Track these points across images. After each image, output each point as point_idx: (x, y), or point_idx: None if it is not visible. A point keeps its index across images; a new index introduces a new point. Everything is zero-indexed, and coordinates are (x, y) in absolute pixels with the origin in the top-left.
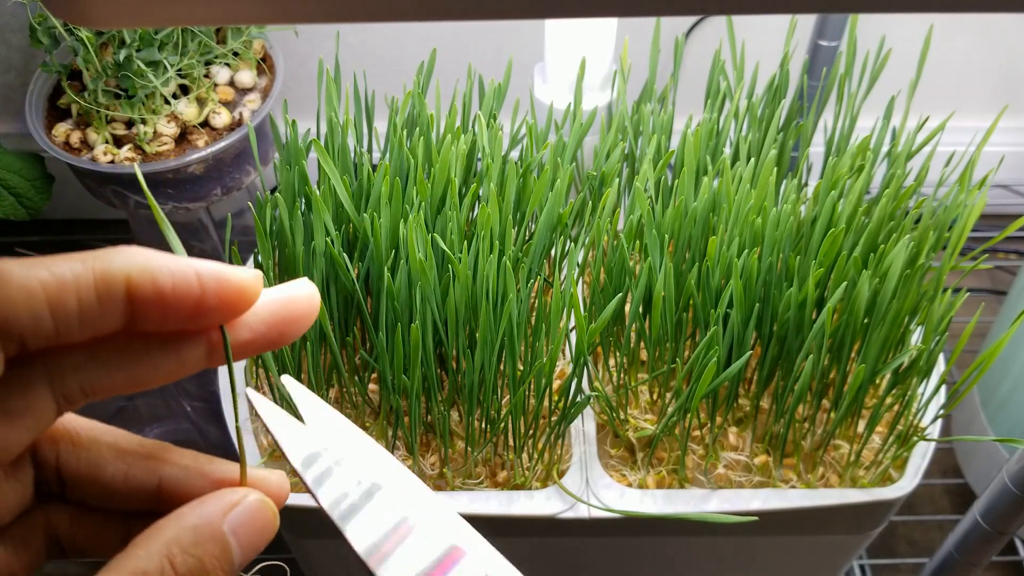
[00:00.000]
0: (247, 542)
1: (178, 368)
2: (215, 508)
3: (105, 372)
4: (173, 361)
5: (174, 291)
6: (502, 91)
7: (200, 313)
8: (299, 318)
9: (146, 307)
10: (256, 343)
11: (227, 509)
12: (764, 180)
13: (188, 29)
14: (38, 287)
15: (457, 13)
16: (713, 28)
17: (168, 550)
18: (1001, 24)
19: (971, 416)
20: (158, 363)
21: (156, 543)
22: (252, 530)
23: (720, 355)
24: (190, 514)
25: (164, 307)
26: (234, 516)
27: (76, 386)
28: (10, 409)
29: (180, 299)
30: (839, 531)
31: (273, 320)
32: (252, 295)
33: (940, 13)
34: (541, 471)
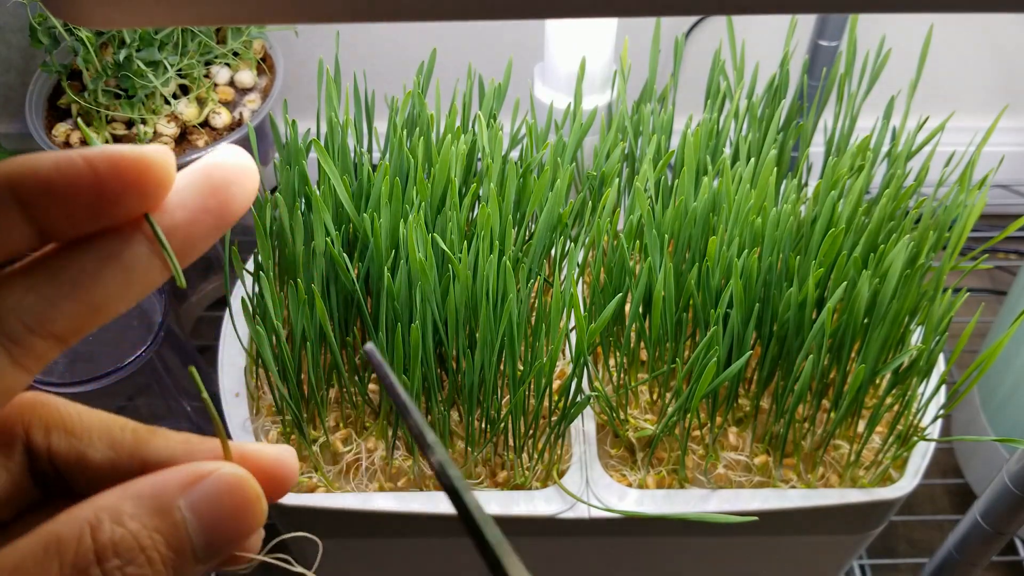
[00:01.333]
0: (213, 524)
1: (124, 276)
2: (172, 478)
3: (46, 302)
4: (115, 269)
5: (60, 175)
6: (502, 91)
7: (104, 199)
8: (233, 181)
9: (39, 203)
10: (200, 222)
11: (188, 482)
12: (764, 180)
13: (188, 29)
14: None
15: (457, 13)
16: (713, 28)
17: (95, 516)
18: (1001, 24)
19: (971, 416)
20: (98, 276)
21: (86, 508)
22: (220, 510)
23: (720, 355)
24: (141, 482)
25: (58, 198)
26: (196, 491)
27: (17, 325)
28: None
29: (70, 184)
30: (839, 531)
31: (205, 189)
32: (159, 168)
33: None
34: (541, 471)
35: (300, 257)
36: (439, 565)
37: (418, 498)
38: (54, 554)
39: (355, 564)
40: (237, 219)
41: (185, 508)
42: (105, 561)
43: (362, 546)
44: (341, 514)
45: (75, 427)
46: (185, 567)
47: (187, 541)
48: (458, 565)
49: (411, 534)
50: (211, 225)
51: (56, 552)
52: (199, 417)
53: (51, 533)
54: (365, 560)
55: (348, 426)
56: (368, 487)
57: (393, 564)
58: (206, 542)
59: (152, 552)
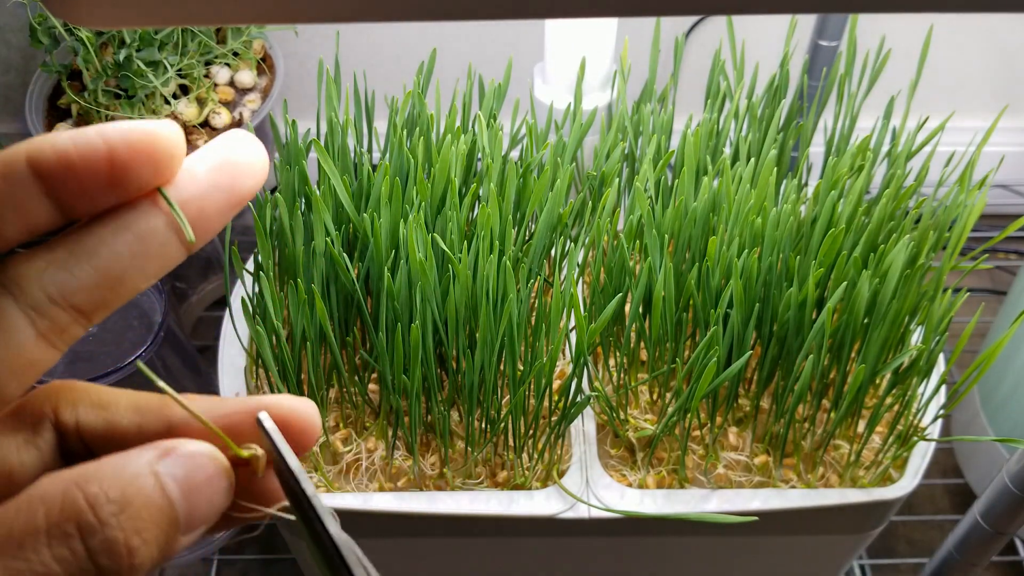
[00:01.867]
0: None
1: (141, 247)
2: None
3: (66, 272)
4: (131, 241)
5: (78, 151)
6: (502, 91)
7: (119, 173)
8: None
9: (57, 178)
10: (209, 198)
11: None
12: (764, 180)
13: (188, 29)
14: None
15: (457, 13)
16: (713, 28)
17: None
18: (1001, 24)
19: (971, 416)
20: (116, 248)
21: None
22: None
23: (720, 355)
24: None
25: (75, 172)
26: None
27: (40, 294)
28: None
29: (87, 160)
30: (839, 531)
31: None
32: (169, 141)
33: (940, 13)
34: (541, 471)
35: (300, 257)
36: (439, 565)
37: (418, 498)
38: (37, 505)
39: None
40: (248, 198)
41: (164, 474)
42: (99, 507)
43: (362, 546)
44: (341, 514)
45: (103, 399)
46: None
47: (172, 505)
48: (458, 565)
49: (411, 534)
50: (223, 201)
51: (40, 502)
52: None
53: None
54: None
55: (348, 426)
56: (368, 487)
57: (393, 564)
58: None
59: (141, 508)
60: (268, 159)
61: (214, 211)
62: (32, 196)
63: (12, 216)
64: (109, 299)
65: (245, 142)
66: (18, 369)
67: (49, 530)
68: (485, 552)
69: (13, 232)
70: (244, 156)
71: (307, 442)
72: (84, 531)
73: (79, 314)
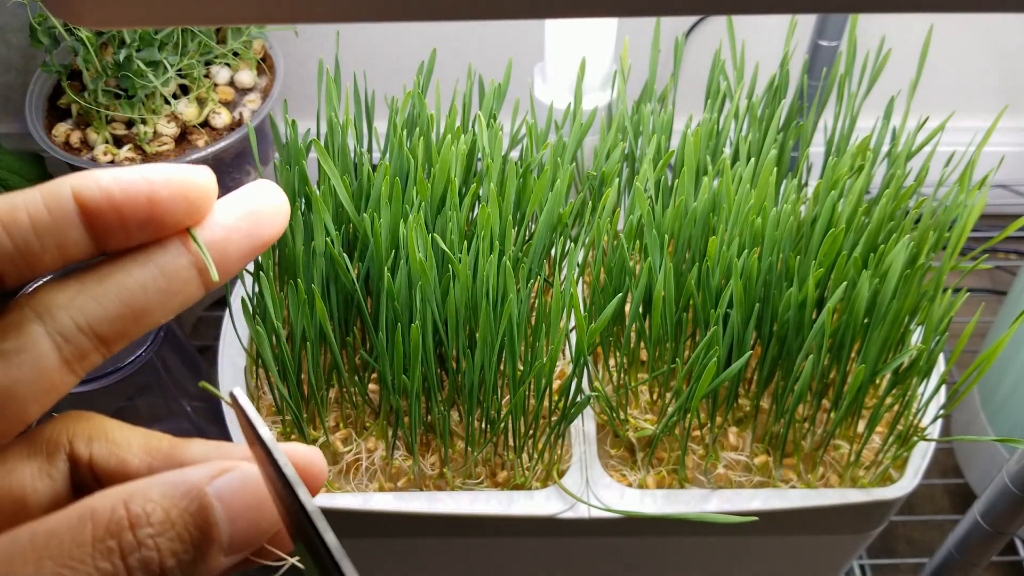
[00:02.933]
0: (239, 514)
1: (166, 284)
2: (200, 469)
3: (95, 302)
4: (157, 278)
5: (121, 190)
6: (502, 91)
7: (156, 212)
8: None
9: (99, 213)
10: (232, 240)
11: (215, 473)
12: (764, 180)
13: (188, 29)
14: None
15: (457, 13)
16: (713, 28)
17: (127, 493)
18: (1001, 24)
19: (971, 416)
20: (143, 282)
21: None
22: (246, 502)
23: (720, 355)
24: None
25: (117, 209)
26: (222, 482)
27: (68, 321)
28: (5, 350)
29: (130, 198)
30: (839, 531)
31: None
32: (204, 187)
33: (940, 13)
34: (541, 471)
35: (300, 257)
36: (439, 565)
37: (418, 498)
38: (87, 520)
39: (355, 564)
40: (268, 245)
41: (212, 495)
42: (138, 528)
43: (362, 546)
44: (341, 514)
45: (116, 437)
46: (212, 553)
47: (215, 527)
48: (458, 565)
49: (411, 534)
50: (245, 245)
51: (89, 518)
52: (199, 417)
53: (85, 505)
54: (365, 560)
55: (348, 426)
56: (368, 487)
57: (393, 564)
58: (231, 531)
59: (182, 529)
60: (289, 208)
61: (236, 254)
62: (73, 228)
63: (53, 246)
64: (131, 330)
65: (270, 192)
66: (40, 393)
67: (95, 543)
68: (485, 552)
69: (50, 261)
70: (268, 205)
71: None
72: (124, 548)
73: (101, 343)
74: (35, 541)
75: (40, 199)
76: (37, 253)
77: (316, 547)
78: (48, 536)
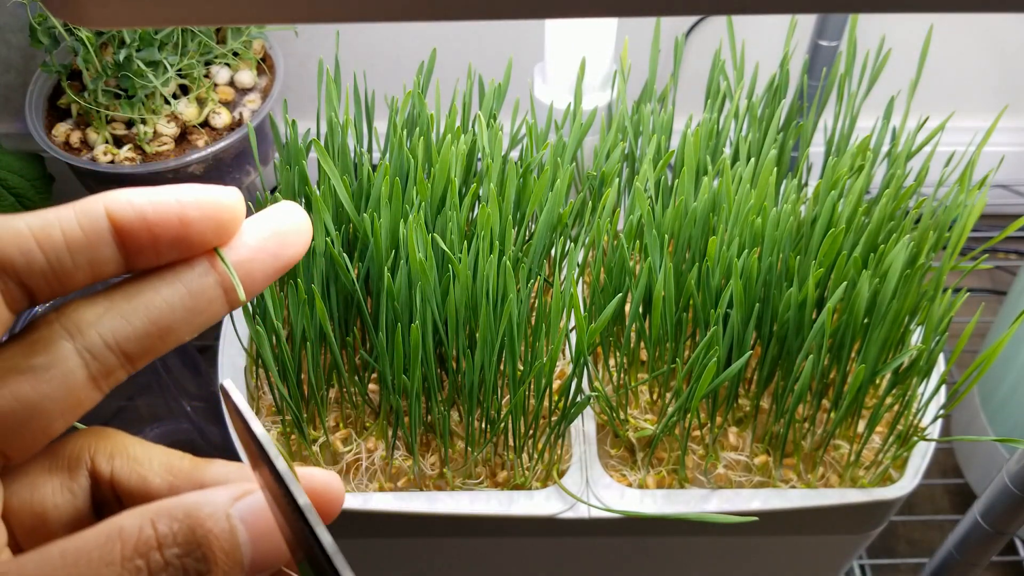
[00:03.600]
0: (261, 536)
1: (192, 302)
2: (223, 492)
3: (123, 320)
4: (184, 297)
5: (154, 210)
6: (502, 91)
7: (187, 232)
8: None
9: (132, 232)
10: (257, 260)
11: (237, 495)
12: (764, 180)
13: (188, 29)
14: (23, 226)
15: (457, 13)
16: (713, 28)
17: (154, 514)
18: (1001, 24)
19: (971, 416)
20: (170, 300)
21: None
22: (268, 524)
23: (720, 355)
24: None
25: (149, 229)
26: (245, 504)
27: (97, 338)
28: (33, 366)
29: (162, 218)
30: (839, 531)
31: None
32: (234, 207)
33: (940, 13)
34: (541, 471)
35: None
36: (439, 565)
37: (418, 498)
38: (116, 539)
39: (355, 564)
40: (292, 265)
41: (236, 517)
42: (166, 548)
43: (362, 546)
44: (341, 514)
45: (137, 454)
46: (236, 572)
47: (238, 548)
48: (458, 565)
49: (411, 534)
50: (269, 266)
51: (118, 537)
52: (199, 417)
53: (113, 523)
54: (365, 560)
55: (348, 426)
56: (368, 487)
57: (393, 564)
58: (253, 552)
59: (207, 550)
60: (312, 229)
61: (260, 274)
62: (106, 246)
63: (85, 264)
64: (157, 347)
65: (294, 213)
66: (66, 409)
67: (123, 562)
68: (485, 552)
69: (82, 278)
70: (292, 226)
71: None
72: (152, 567)
73: (127, 360)
74: (65, 558)
75: (74, 217)
76: (69, 270)
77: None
78: (77, 554)
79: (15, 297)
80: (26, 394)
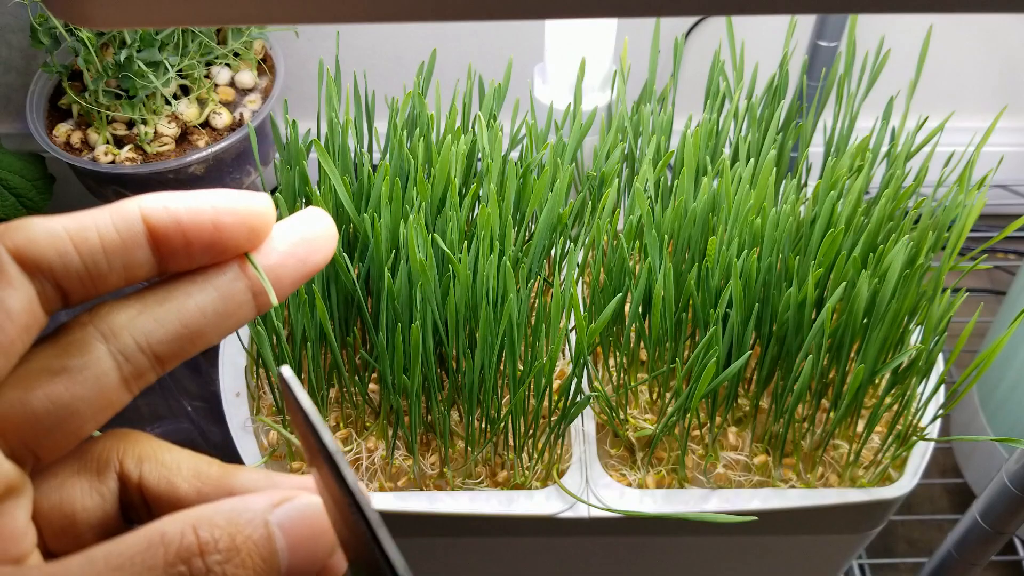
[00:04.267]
0: (298, 543)
1: (223, 306)
2: (261, 499)
3: (156, 323)
4: (215, 300)
5: (189, 215)
6: (502, 91)
7: (220, 237)
8: (318, 236)
9: (166, 237)
10: (286, 265)
11: (276, 502)
12: (763, 180)
13: (188, 29)
14: (60, 228)
15: (457, 13)
16: (713, 28)
17: (195, 521)
18: (1001, 24)
19: (970, 416)
20: (202, 304)
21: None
22: (304, 532)
23: (720, 355)
24: (232, 500)
25: (183, 233)
26: (283, 511)
27: (130, 341)
28: (68, 367)
29: (197, 223)
30: (838, 531)
31: (294, 240)
32: (266, 212)
33: (940, 13)
34: (541, 471)
35: None
36: (439, 565)
37: (418, 498)
38: (158, 545)
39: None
40: (319, 268)
41: (275, 525)
42: (208, 555)
43: None
44: None
45: (166, 459)
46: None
47: (276, 555)
48: (458, 565)
49: (411, 534)
50: (296, 271)
51: (160, 543)
52: (199, 417)
53: (155, 529)
54: None
55: (348, 426)
56: (368, 487)
57: None
58: (290, 559)
59: (246, 556)
60: (337, 234)
61: (288, 279)
62: (140, 250)
63: (120, 267)
64: (187, 350)
65: (322, 220)
66: (98, 411)
67: (166, 568)
68: (485, 552)
69: (115, 280)
70: (320, 232)
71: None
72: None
73: (158, 362)
74: (109, 562)
75: (110, 220)
76: (104, 273)
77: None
78: (121, 558)
79: (50, 298)
80: (60, 395)
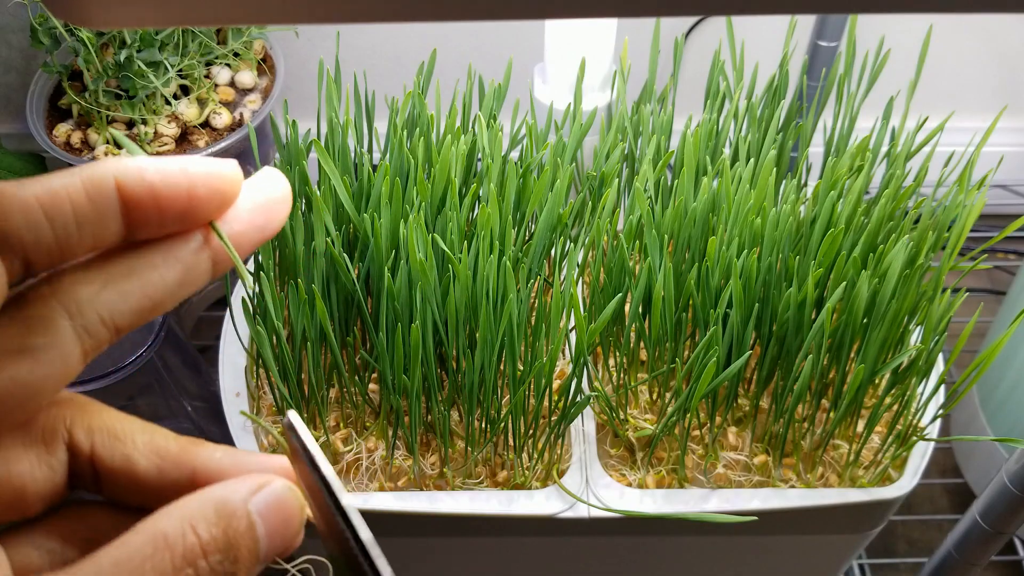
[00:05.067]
0: (273, 529)
1: (186, 276)
2: (241, 487)
3: (119, 296)
4: (177, 268)
5: (164, 185)
6: (502, 91)
7: (192, 207)
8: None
9: (139, 206)
10: (248, 234)
11: (253, 490)
12: (763, 180)
13: (189, 29)
14: (31, 198)
15: (457, 13)
16: (713, 28)
17: (191, 518)
18: (1001, 24)
19: (970, 416)
20: (164, 273)
21: (179, 510)
22: (280, 516)
23: (720, 355)
24: (215, 490)
25: (157, 201)
26: (261, 498)
27: (95, 316)
28: (32, 346)
29: (171, 191)
30: (838, 531)
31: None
32: (236, 181)
33: (940, 13)
34: (541, 471)
35: (300, 257)
36: (439, 565)
37: (418, 498)
38: (164, 549)
39: None
40: (276, 232)
41: (254, 512)
42: (210, 555)
43: None
44: None
45: (117, 431)
46: (254, 567)
47: (258, 543)
48: (458, 565)
49: (411, 534)
50: (256, 236)
51: (166, 546)
52: (199, 417)
53: (156, 530)
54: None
55: (348, 426)
56: (368, 487)
57: (393, 564)
58: (269, 545)
59: (235, 549)
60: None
61: (248, 245)
62: (111, 217)
63: (89, 236)
64: (145, 320)
65: (277, 181)
66: (58, 385)
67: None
68: (485, 552)
69: (82, 250)
70: (277, 195)
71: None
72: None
73: (116, 333)
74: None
75: (81, 187)
76: (73, 244)
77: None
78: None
79: (15, 270)
80: (24, 377)
